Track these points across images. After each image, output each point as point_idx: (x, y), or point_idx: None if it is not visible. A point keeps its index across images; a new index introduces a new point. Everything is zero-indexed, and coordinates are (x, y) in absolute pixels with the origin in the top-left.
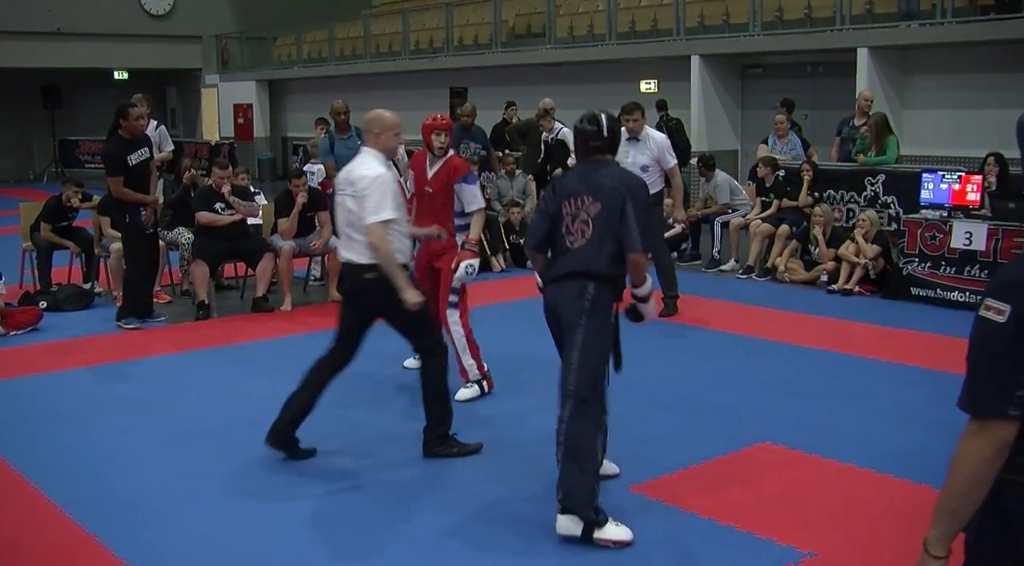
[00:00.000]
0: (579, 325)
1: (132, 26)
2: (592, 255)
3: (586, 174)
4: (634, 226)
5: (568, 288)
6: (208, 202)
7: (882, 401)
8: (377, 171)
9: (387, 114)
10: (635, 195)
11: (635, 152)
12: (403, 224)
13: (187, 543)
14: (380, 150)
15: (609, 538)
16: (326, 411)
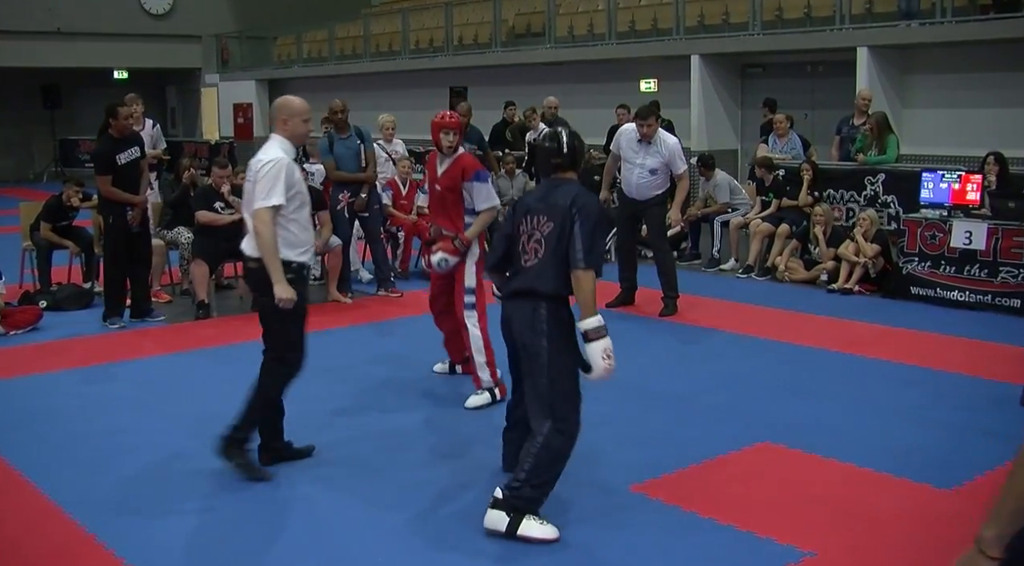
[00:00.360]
0: (542, 346)
1: (132, 26)
2: (541, 274)
3: (545, 193)
4: (579, 243)
5: (521, 308)
6: (208, 201)
7: (882, 400)
8: (274, 156)
9: (295, 100)
10: (585, 212)
11: (645, 154)
12: (302, 216)
13: (187, 542)
14: (288, 136)
15: (532, 535)
16: (332, 411)
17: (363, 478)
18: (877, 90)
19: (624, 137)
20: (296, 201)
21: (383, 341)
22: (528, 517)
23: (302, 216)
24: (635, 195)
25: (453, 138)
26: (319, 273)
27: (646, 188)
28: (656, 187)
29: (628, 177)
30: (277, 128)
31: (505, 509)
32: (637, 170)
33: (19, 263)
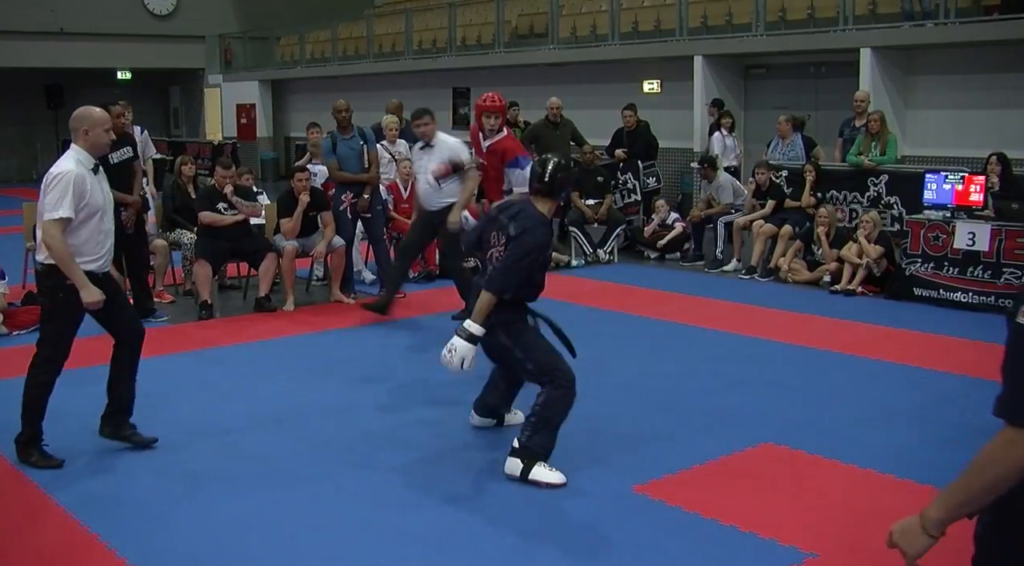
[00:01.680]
0: (506, 346)
1: (135, 26)
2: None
3: (515, 212)
4: (499, 267)
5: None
6: (211, 202)
7: (885, 402)
8: (64, 168)
9: (93, 110)
10: (519, 244)
11: (427, 158)
12: (98, 226)
13: (188, 542)
14: (89, 147)
15: (541, 479)
16: (334, 411)
17: (366, 478)
18: (880, 91)
19: (406, 146)
20: (84, 212)
21: (385, 341)
22: (539, 464)
23: (91, 225)
24: (427, 204)
25: (494, 122)
26: (322, 273)
27: (435, 195)
28: (445, 194)
29: (419, 187)
30: (79, 139)
31: (520, 456)
32: (424, 177)
33: (22, 263)
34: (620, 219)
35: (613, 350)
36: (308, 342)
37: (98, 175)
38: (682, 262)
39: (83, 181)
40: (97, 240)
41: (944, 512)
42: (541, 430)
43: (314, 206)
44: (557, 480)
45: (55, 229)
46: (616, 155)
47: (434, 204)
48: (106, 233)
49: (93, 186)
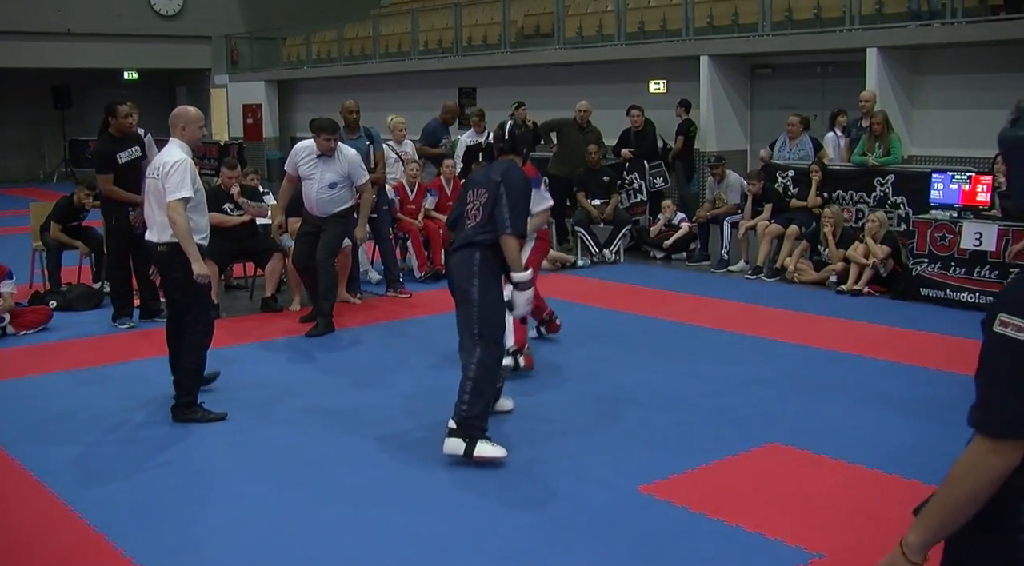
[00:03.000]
0: (472, 286)
1: (142, 26)
2: (477, 231)
3: (487, 170)
4: (505, 212)
5: (460, 256)
6: (217, 203)
7: (891, 402)
8: (179, 156)
9: (191, 109)
10: (511, 185)
11: (324, 168)
12: (203, 207)
13: (196, 542)
14: (186, 141)
15: (485, 455)
16: (337, 411)
17: (371, 478)
18: (887, 91)
19: (299, 154)
20: (198, 194)
21: (391, 342)
22: (481, 441)
23: (202, 207)
24: (319, 211)
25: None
26: None
27: (327, 203)
28: (339, 201)
29: (308, 193)
30: (176, 133)
31: (460, 435)
32: (317, 186)
33: (29, 263)
34: (626, 219)
35: (619, 350)
36: (314, 342)
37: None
38: (688, 262)
39: (193, 167)
40: (207, 220)
41: (922, 535)
42: (477, 401)
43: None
44: (500, 453)
45: (181, 207)
46: (622, 155)
47: (327, 212)
48: (204, 213)
49: (195, 172)
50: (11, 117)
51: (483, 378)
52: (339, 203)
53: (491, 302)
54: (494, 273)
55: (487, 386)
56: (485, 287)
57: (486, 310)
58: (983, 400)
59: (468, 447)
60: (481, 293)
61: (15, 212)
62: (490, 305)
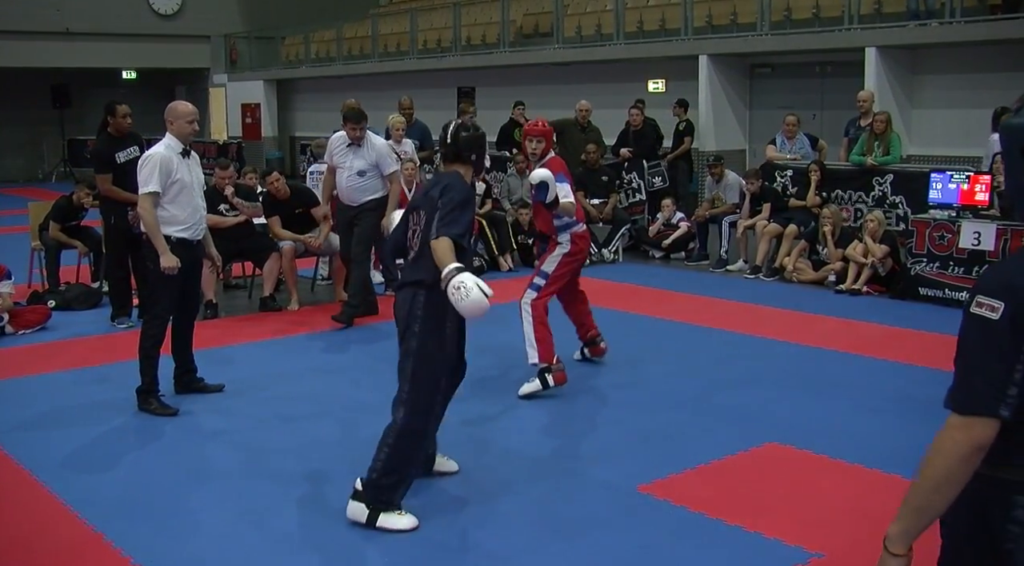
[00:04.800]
0: (413, 334)
1: (141, 26)
2: (419, 265)
3: (427, 187)
4: (436, 219)
5: (401, 296)
6: (212, 204)
7: (890, 401)
8: (152, 151)
9: (181, 105)
10: (448, 194)
11: (353, 157)
12: (188, 200)
13: (194, 542)
14: (176, 135)
15: (389, 526)
16: (337, 412)
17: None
18: (886, 90)
19: (334, 144)
20: (175, 187)
21: (389, 341)
22: (385, 513)
23: (181, 199)
24: (348, 200)
25: (536, 145)
26: (327, 273)
27: (357, 191)
28: (368, 189)
29: (339, 182)
30: (168, 128)
31: (364, 501)
32: (347, 174)
33: (28, 263)
34: (625, 219)
35: (617, 350)
36: (313, 342)
37: (187, 158)
38: (687, 262)
39: (168, 161)
40: (188, 211)
41: (900, 523)
42: (389, 474)
43: (301, 203)
44: (408, 525)
45: (147, 202)
46: (621, 154)
47: (357, 200)
48: (195, 207)
49: (180, 166)
50: (10, 117)
51: (400, 449)
52: (369, 192)
53: (429, 359)
54: (440, 321)
55: (405, 457)
56: (426, 337)
57: (422, 368)
58: (957, 379)
59: (370, 516)
60: (420, 342)
61: (14, 212)
62: (428, 362)
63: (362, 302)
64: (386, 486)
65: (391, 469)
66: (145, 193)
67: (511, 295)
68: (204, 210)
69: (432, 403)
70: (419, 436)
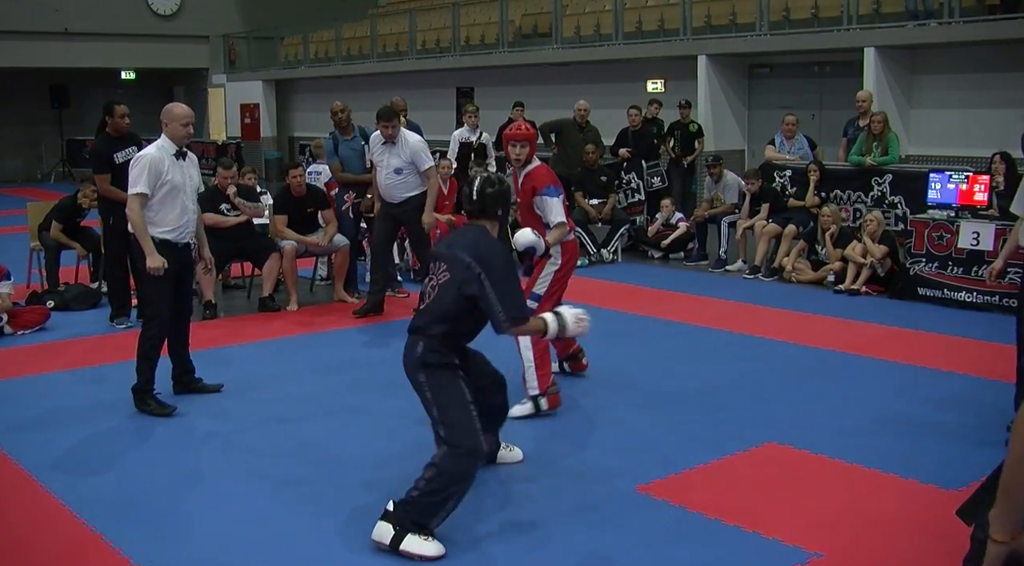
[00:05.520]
0: (422, 383)
1: (139, 26)
2: (429, 318)
3: (453, 240)
4: (496, 305)
5: (408, 345)
6: (213, 204)
7: (889, 401)
8: (144, 152)
9: (177, 107)
10: (489, 266)
11: (389, 155)
12: (177, 202)
13: (193, 542)
14: (170, 137)
15: (413, 550)
16: (336, 413)
17: (370, 478)
18: (884, 90)
19: (373, 143)
20: (164, 189)
21: (389, 341)
22: (411, 534)
23: (170, 202)
24: (388, 197)
25: (520, 151)
26: (326, 273)
27: (395, 188)
28: (405, 186)
29: (378, 179)
30: (163, 129)
31: (392, 521)
32: (384, 172)
33: (27, 263)
34: (624, 219)
35: (616, 350)
36: (312, 342)
37: (181, 160)
38: (686, 262)
39: (159, 163)
40: (175, 214)
41: (996, 507)
42: (425, 501)
43: (312, 203)
44: (433, 552)
45: (134, 203)
46: (620, 154)
47: (396, 197)
48: (184, 209)
49: (172, 168)
50: (9, 117)
51: (443, 483)
52: (407, 188)
53: (450, 400)
54: (446, 364)
55: (444, 492)
56: (437, 383)
57: (447, 411)
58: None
59: (395, 538)
60: (433, 389)
61: (12, 212)
62: (451, 403)
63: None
64: (424, 506)
65: (434, 490)
66: (132, 194)
67: None
68: (195, 213)
69: (474, 431)
70: (464, 477)
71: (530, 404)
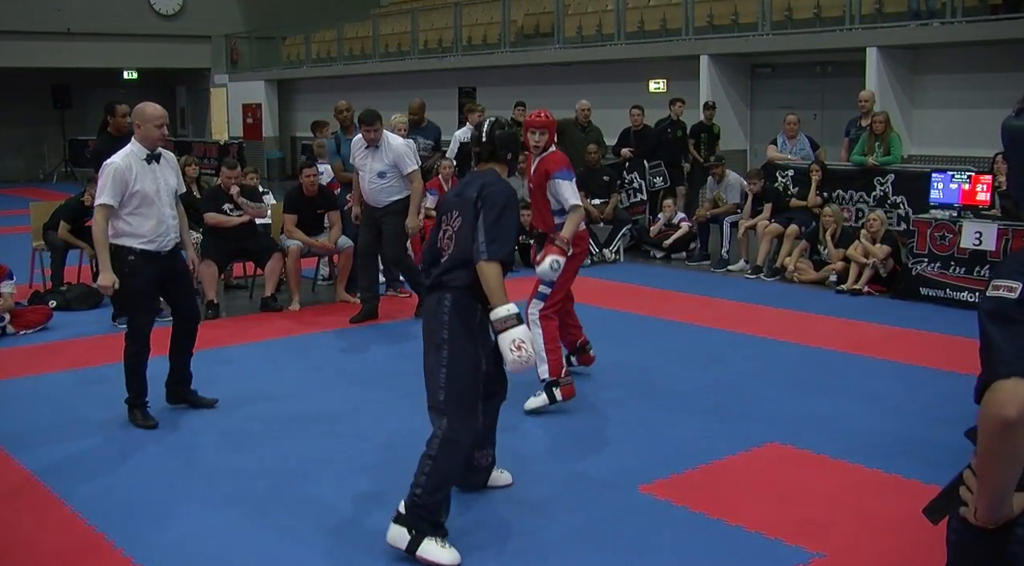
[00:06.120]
0: (443, 340)
1: (142, 26)
2: (450, 269)
3: (461, 187)
4: (481, 235)
5: (429, 301)
6: (216, 203)
7: (891, 401)
8: (110, 160)
9: (148, 107)
10: (490, 201)
11: (372, 159)
12: (150, 211)
13: (195, 542)
14: (141, 140)
15: (429, 558)
16: (336, 412)
17: (371, 479)
18: (887, 90)
19: (354, 147)
20: (135, 199)
21: (391, 341)
22: (428, 539)
23: (144, 211)
24: (372, 201)
25: (539, 138)
26: (328, 273)
27: (379, 192)
28: (389, 189)
29: (362, 184)
30: (136, 134)
31: (406, 525)
32: (368, 176)
33: (29, 263)
34: (626, 219)
35: (617, 350)
36: (314, 342)
37: (153, 165)
38: (688, 262)
39: (125, 172)
40: (152, 223)
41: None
42: (435, 489)
43: (321, 204)
44: (449, 560)
45: (99, 214)
46: (622, 154)
47: (380, 201)
48: (161, 218)
49: (142, 175)
50: (10, 117)
51: (447, 458)
52: (391, 193)
53: (461, 366)
54: (469, 325)
55: (451, 469)
56: (459, 344)
57: (453, 377)
58: (983, 362)
59: (412, 542)
60: (452, 350)
61: (15, 212)
62: (464, 371)
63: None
64: (432, 505)
65: (436, 486)
66: (97, 205)
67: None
68: (174, 219)
69: (472, 412)
70: (459, 448)
71: (544, 395)
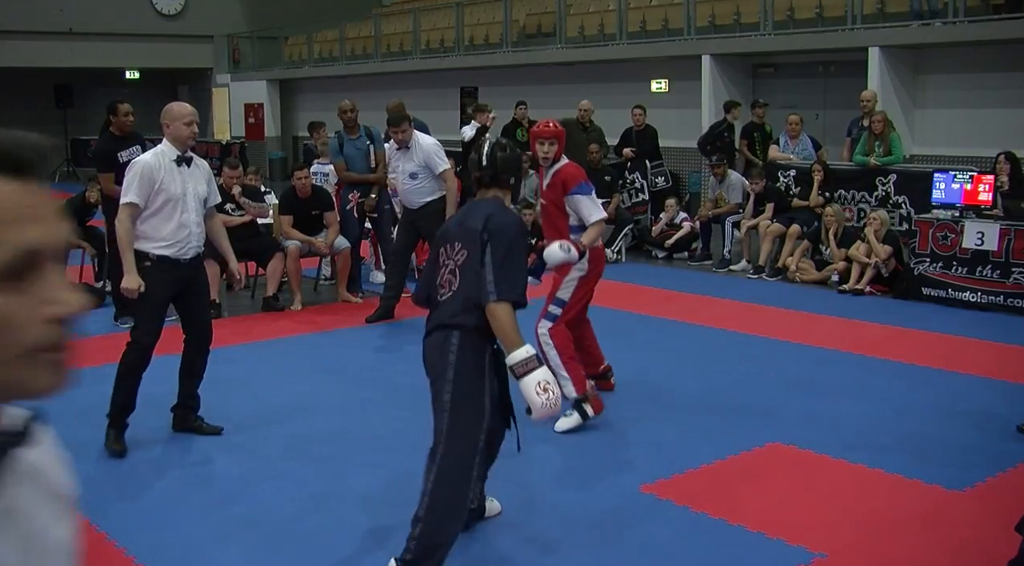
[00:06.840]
0: (447, 382)
1: (144, 26)
2: (456, 308)
3: (463, 216)
4: (489, 274)
5: (433, 340)
6: (219, 204)
7: (893, 401)
8: (138, 158)
9: (176, 105)
10: (497, 235)
11: (404, 160)
12: (173, 214)
13: (197, 542)
14: (172, 139)
15: None
16: (336, 413)
17: (373, 479)
18: (889, 90)
19: (390, 151)
20: (159, 199)
21: (392, 341)
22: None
23: (166, 213)
24: (406, 203)
25: (548, 149)
26: (330, 273)
27: (412, 194)
28: (421, 191)
29: (396, 186)
30: (165, 133)
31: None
32: (401, 177)
33: None
34: (628, 219)
35: (620, 349)
36: (315, 342)
37: (183, 167)
38: (690, 261)
39: (153, 170)
40: (172, 227)
41: None
42: (429, 555)
43: (317, 205)
44: None
45: (123, 213)
46: (624, 154)
47: (414, 202)
48: (182, 223)
49: (169, 176)
50: (12, 116)
51: (434, 522)
52: (424, 193)
53: (463, 412)
54: (479, 368)
55: (441, 531)
56: (463, 393)
57: (455, 426)
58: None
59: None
60: (455, 398)
61: None
62: (461, 417)
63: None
64: (423, 557)
65: (426, 551)
66: (123, 203)
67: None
68: (199, 227)
69: (468, 466)
70: (455, 507)
71: (575, 414)
